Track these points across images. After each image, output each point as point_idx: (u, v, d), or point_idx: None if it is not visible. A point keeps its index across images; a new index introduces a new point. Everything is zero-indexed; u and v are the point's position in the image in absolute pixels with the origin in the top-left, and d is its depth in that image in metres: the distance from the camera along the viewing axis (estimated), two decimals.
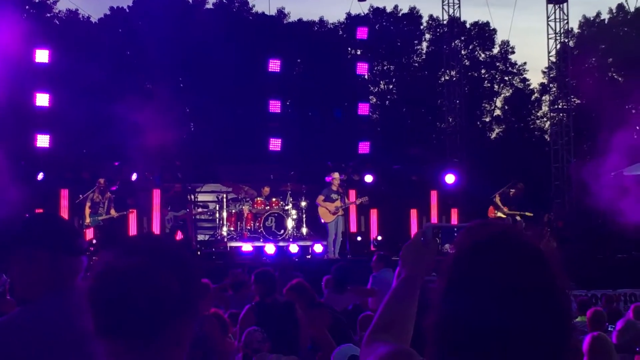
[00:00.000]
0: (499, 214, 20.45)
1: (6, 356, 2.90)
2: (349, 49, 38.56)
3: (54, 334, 2.84)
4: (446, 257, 2.13)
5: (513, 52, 50.48)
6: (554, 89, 34.83)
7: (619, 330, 7.71)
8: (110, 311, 1.96)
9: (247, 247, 18.81)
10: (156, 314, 1.96)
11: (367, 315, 9.21)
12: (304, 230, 20.37)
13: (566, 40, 31.14)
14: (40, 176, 20.37)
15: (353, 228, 21.77)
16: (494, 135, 50.76)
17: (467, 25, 47.67)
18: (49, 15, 38.74)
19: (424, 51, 49.63)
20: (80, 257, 3.16)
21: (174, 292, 1.98)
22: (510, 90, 51.01)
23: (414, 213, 23.08)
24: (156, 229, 21.05)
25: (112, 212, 18.97)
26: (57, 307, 2.88)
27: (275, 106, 24.02)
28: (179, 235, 19.90)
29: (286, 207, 20.31)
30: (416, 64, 50.10)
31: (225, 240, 19.92)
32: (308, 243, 19.69)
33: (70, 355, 2.20)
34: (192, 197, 20.74)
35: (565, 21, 30.41)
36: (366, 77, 29.10)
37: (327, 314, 8.14)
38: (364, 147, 24.60)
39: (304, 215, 20.47)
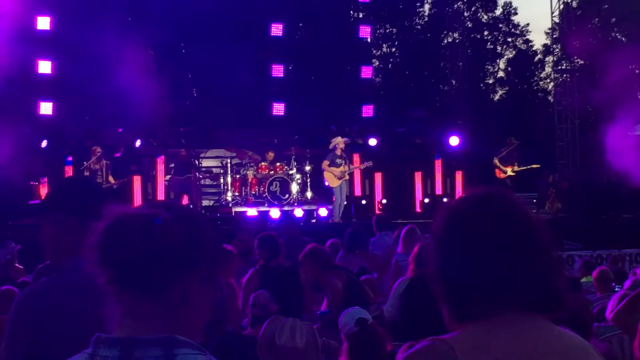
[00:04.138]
0: (509, 173, 20.42)
1: (36, 322, 2.98)
2: (352, 12, 38.28)
3: (80, 300, 2.87)
4: (437, 218, 2.17)
5: (516, 13, 50.36)
6: (557, 49, 34.61)
7: (627, 290, 7.72)
8: (117, 260, 1.95)
9: (252, 211, 18.83)
10: (162, 266, 1.94)
11: (367, 279, 9.23)
12: (309, 194, 20.38)
13: (569, 1, 30.92)
14: (44, 144, 20.37)
15: (358, 192, 21.78)
16: (497, 97, 50.66)
17: None
18: None
19: (427, 13, 49.41)
20: None
21: (181, 246, 1.97)
22: (513, 52, 50.85)
23: (418, 176, 23.06)
24: (161, 195, 21.09)
25: (111, 179, 18.85)
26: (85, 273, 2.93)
27: (278, 71, 23.99)
28: (185, 200, 19.95)
29: (290, 172, 20.33)
30: (419, 27, 49.89)
31: (230, 205, 19.95)
32: (313, 207, 19.73)
33: (92, 319, 2.22)
34: (197, 162, 20.77)
35: None
36: (369, 40, 28.94)
37: (343, 275, 8.15)
38: (367, 111, 24.56)
39: (308, 180, 20.47)
